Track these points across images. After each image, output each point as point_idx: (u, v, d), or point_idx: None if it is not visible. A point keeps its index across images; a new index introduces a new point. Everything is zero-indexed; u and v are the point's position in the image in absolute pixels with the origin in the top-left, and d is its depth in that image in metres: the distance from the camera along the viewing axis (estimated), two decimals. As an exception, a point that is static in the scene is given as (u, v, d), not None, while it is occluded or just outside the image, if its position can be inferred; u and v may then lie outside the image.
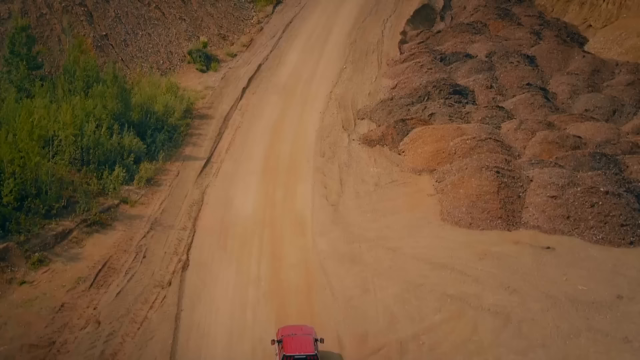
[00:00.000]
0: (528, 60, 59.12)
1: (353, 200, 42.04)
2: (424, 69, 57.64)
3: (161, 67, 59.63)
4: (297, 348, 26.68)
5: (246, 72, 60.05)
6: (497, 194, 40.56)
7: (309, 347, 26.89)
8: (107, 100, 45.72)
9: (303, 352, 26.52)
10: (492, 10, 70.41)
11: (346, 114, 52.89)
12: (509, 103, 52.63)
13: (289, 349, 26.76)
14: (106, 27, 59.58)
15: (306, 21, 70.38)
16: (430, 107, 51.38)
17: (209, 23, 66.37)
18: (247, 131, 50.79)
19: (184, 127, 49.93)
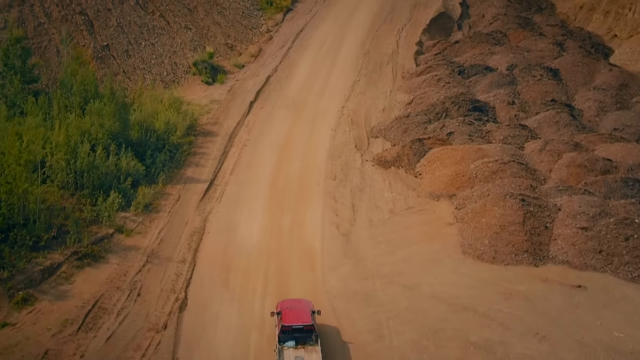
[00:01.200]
0: (551, 73, 55.84)
1: (366, 230, 38.95)
2: (441, 83, 54.50)
3: (165, 79, 56.76)
4: (294, 319, 28.63)
5: (254, 84, 57.09)
6: (522, 225, 37.37)
7: (307, 318, 28.77)
8: (104, 119, 42.80)
9: (300, 323, 28.46)
10: (512, 19, 67.09)
11: (359, 131, 49.81)
12: (532, 121, 49.40)
13: (287, 319, 28.71)
14: (107, 37, 56.75)
15: (318, 29, 67.38)
16: (448, 126, 48.23)
17: (215, 32, 63.44)
18: (254, 150, 47.81)
19: (187, 145, 47.00)
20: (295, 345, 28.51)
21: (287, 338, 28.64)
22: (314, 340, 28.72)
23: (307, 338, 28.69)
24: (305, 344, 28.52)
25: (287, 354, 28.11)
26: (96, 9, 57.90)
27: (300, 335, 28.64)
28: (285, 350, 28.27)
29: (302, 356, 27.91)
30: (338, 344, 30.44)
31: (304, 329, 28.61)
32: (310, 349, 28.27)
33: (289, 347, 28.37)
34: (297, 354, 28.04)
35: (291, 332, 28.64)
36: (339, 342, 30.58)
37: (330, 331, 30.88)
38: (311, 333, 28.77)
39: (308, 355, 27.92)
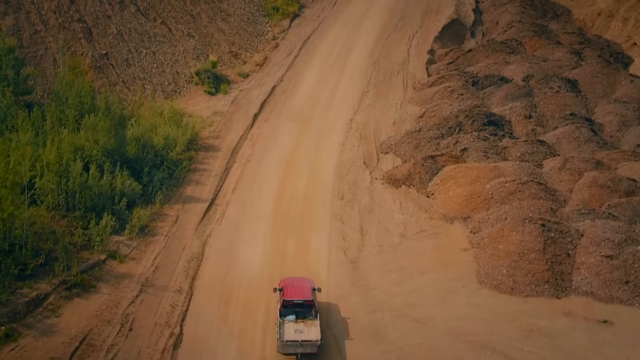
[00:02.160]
0: (569, 85, 53.29)
1: (375, 256, 36.55)
2: (454, 95, 51.99)
3: (166, 90, 54.46)
4: (295, 294, 30.26)
5: (259, 95, 54.71)
6: (543, 253, 34.89)
7: (307, 294, 30.35)
8: (98, 134, 40.50)
9: (301, 298, 30.09)
10: (527, 26, 64.49)
11: (368, 146, 47.38)
12: (550, 136, 46.86)
13: (289, 294, 30.31)
14: (107, 45, 54.49)
15: (325, 37, 64.96)
16: (462, 141, 45.74)
17: (219, 40, 61.11)
18: (258, 166, 45.46)
19: (187, 161, 44.70)
20: (296, 319, 29.94)
21: (287, 312, 30.17)
22: (314, 315, 30.15)
23: (307, 313, 30.22)
24: (305, 318, 30.03)
25: (287, 326, 29.53)
26: (95, 16, 55.67)
27: (300, 310, 30.15)
28: (286, 323, 29.70)
29: (302, 329, 29.33)
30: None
31: (304, 304, 30.17)
32: (309, 323, 29.80)
33: (289, 321, 29.78)
34: (297, 327, 29.46)
35: (292, 306, 30.16)
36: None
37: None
38: (311, 308, 30.27)
39: (307, 329, 29.40)
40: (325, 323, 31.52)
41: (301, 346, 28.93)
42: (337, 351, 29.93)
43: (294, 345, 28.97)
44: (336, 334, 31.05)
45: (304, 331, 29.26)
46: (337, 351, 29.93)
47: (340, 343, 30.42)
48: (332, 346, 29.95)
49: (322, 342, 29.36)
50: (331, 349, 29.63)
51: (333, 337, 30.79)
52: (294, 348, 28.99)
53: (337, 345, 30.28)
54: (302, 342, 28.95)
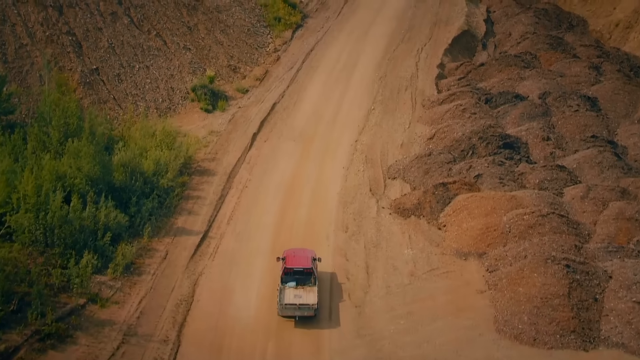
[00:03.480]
0: (589, 102, 49.96)
1: (382, 299, 33.28)
2: (466, 114, 48.69)
3: (160, 107, 51.26)
4: (296, 263, 32.35)
5: (258, 112, 51.48)
6: (568, 298, 31.59)
7: (307, 262, 32.41)
8: (82, 161, 37.26)
9: (301, 266, 32.15)
10: (542, 38, 61.14)
11: (374, 171, 44.10)
12: (571, 160, 43.52)
13: (290, 263, 32.39)
14: (97, 59, 51.28)
15: (329, 49, 61.71)
16: (476, 166, 42.42)
17: (217, 53, 57.87)
18: (256, 192, 42.24)
19: (179, 188, 41.47)
20: (296, 285, 32.12)
21: (289, 279, 32.28)
22: (313, 282, 32.33)
23: (307, 280, 32.36)
24: (305, 285, 32.21)
25: (288, 292, 31.70)
26: (85, 28, 52.47)
27: (300, 277, 32.27)
28: (287, 289, 31.87)
29: (301, 295, 31.49)
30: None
31: (304, 272, 32.25)
32: (308, 289, 32.01)
33: (290, 287, 31.98)
34: (296, 293, 31.67)
35: (292, 274, 32.27)
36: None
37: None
38: (310, 276, 32.36)
39: (305, 294, 31.63)
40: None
41: (299, 309, 31.07)
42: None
43: (292, 308, 31.06)
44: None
45: (302, 296, 31.47)
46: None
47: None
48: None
49: (318, 306, 31.42)
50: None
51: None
52: (292, 311, 31.10)
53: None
54: (300, 306, 31.02)
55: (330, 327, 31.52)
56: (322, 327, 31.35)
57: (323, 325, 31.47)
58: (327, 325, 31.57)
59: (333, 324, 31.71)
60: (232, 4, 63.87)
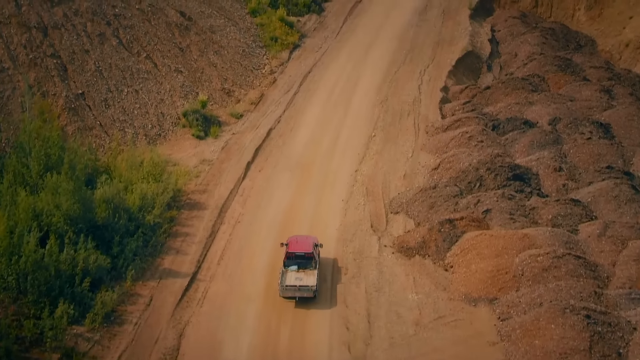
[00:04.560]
0: (602, 129, 47.31)
1: (386, 352, 30.55)
2: (473, 142, 46.00)
3: (149, 133, 48.56)
4: (298, 248, 34.22)
5: (253, 139, 48.80)
6: (589, 353, 28.85)
7: (308, 247, 34.19)
8: (60, 198, 34.50)
9: (302, 251, 33.96)
10: (549, 60, 58.49)
11: (376, 205, 41.35)
12: (585, 193, 40.78)
13: (292, 248, 34.26)
14: (83, 83, 48.63)
15: (328, 70, 59.10)
16: (484, 200, 39.69)
17: (211, 75, 55.22)
18: (249, 229, 39.52)
19: (167, 224, 38.71)
20: (297, 269, 33.94)
21: (291, 263, 34.14)
22: (313, 266, 34.10)
23: (308, 264, 34.14)
24: (306, 268, 34.00)
25: (289, 275, 33.65)
26: (71, 50, 49.84)
27: (301, 261, 34.07)
28: (288, 272, 33.80)
29: (301, 277, 33.40)
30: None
31: (305, 256, 34.08)
32: (308, 272, 33.82)
33: (291, 270, 33.87)
34: (297, 275, 33.57)
35: (294, 258, 34.12)
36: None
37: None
38: (311, 260, 34.12)
39: (306, 277, 33.47)
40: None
41: (299, 290, 32.80)
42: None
43: (292, 290, 32.84)
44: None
45: (302, 278, 33.30)
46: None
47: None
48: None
49: (317, 288, 33.24)
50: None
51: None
52: (293, 292, 32.84)
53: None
54: (300, 287, 32.78)
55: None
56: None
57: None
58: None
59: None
60: (227, 23, 61.33)
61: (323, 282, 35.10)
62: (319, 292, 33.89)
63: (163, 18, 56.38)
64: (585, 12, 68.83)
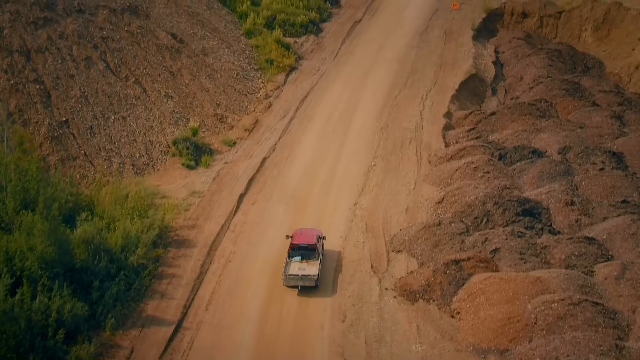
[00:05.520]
0: (615, 159, 44.81)
1: (388, 414, 27.55)
2: (478, 173, 43.46)
3: (136, 163, 45.98)
4: (301, 239, 35.56)
5: (246, 169, 46.24)
6: (612, 418, 25.84)
7: (312, 239, 35.45)
8: (35, 239, 31.82)
9: (305, 242, 35.34)
10: (557, 83, 56.09)
11: (376, 242, 38.71)
12: (599, 230, 38.15)
13: (296, 240, 35.58)
14: (68, 110, 46.13)
15: (325, 95, 56.70)
16: (492, 239, 37.08)
17: (203, 101, 52.71)
18: (240, 269, 36.90)
19: (152, 264, 36.02)
20: (301, 260, 35.18)
21: (295, 254, 35.40)
22: (316, 257, 35.27)
23: (311, 255, 35.34)
24: (309, 259, 35.22)
25: (293, 265, 34.96)
26: (55, 75, 47.39)
27: (305, 252, 35.30)
28: (292, 262, 35.11)
29: (304, 267, 34.69)
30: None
31: (308, 248, 35.29)
32: (311, 262, 35.05)
33: (295, 261, 35.15)
34: (300, 266, 34.80)
35: (298, 249, 35.35)
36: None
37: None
38: (314, 251, 35.30)
39: (308, 267, 34.74)
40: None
41: (301, 279, 34.12)
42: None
43: (295, 279, 34.19)
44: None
45: (305, 268, 34.62)
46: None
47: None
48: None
49: (319, 277, 34.53)
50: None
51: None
52: (295, 281, 34.19)
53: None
54: (302, 276, 34.10)
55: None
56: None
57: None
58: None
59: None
60: (220, 45, 58.94)
61: (319, 330, 32.32)
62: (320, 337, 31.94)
63: (153, 40, 53.97)
64: (592, 33, 66.61)
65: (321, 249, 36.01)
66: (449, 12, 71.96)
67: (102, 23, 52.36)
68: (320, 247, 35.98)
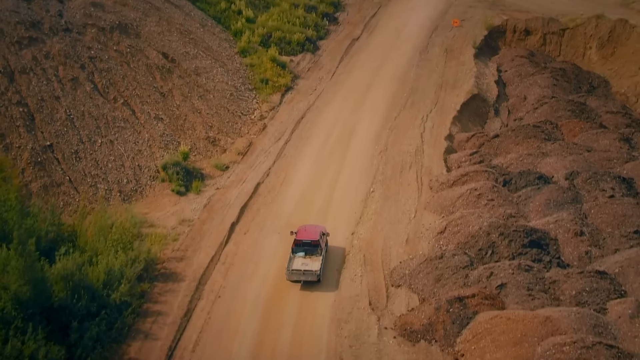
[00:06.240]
0: (625, 185, 42.73)
1: None
2: (482, 200, 41.37)
3: (124, 189, 43.85)
4: (305, 236, 36.65)
5: (238, 196, 44.15)
6: None
7: (315, 236, 36.55)
8: (9, 277, 29.65)
9: (309, 239, 36.41)
10: (562, 104, 54.09)
11: (374, 276, 36.57)
12: (611, 263, 36.03)
13: (300, 236, 36.68)
14: (52, 134, 44.06)
15: (322, 116, 54.67)
16: (498, 273, 34.94)
17: (194, 122, 50.65)
18: (230, 305, 34.81)
19: (136, 300, 33.83)
20: (304, 255, 35.95)
21: (298, 250, 36.16)
22: (319, 253, 36.04)
23: (314, 251, 36.09)
24: (312, 255, 35.99)
25: (296, 260, 35.75)
26: (40, 97, 45.35)
27: (308, 248, 36.09)
28: (296, 258, 35.89)
29: (307, 263, 35.41)
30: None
31: (312, 244, 36.10)
32: (314, 258, 35.84)
33: (298, 256, 35.94)
34: (303, 261, 35.59)
35: (302, 245, 36.18)
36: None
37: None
38: (317, 247, 36.05)
39: (311, 262, 35.53)
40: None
41: (304, 274, 35.05)
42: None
43: (298, 274, 35.14)
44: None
45: (308, 264, 35.48)
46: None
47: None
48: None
49: (321, 273, 35.43)
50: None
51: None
52: (298, 276, 35.13)
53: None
54: (305, 271, 35.00)
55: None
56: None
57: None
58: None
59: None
60: (214, 65, 56.95)
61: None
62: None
63: (143, 60, 51.97)
64: (597, 51, 64.73)
65: (324, 245, 36.88)
66: (449, 29, 70.07)
67: (90, 42, 50.38)
68: (324, 243, 36.88)
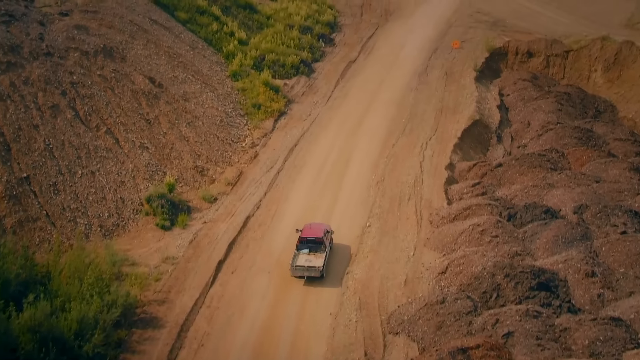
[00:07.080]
0: (637, 220, 40.26)
1: None
2: (486, 237, 38.78)
3: (105, 224, 41.25)
4: (309, 233, 37.82)
5: (227, 230, 41.58)
6: None
7: (319, 233, 37.68)
8: (-30, 330, 26.95)
9: (313, 236, 37.52)
10: (568, 131, 51.60)
11: (370, 322, 33.90)
12: (626, 308, 33.39)
13: (304, 233, 37.87)
14: (29, 165, 41.52)
15: (317, 143, 52.21)
16: (504, 320, 32.27)
17: (181, 151, 48.08)
18: (214, 355, 31.96)
19: (112, 351, 31.16)
20: (308, 252, 37.18)
21: (302, 247, 37.39)
22: (322, 250, 37.26)
23: (318, 248, 37.33)
24: (316, 252, 37.22)
25: (300, 257, 37.01)
26: (17, 126, 42.88)
27: (312, 245, 37.34)
28: (300, 254, 37.12)
29: (311, 259, 36.78)
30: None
31: (316, 241, 37.34)
32: (318, 255, 37.07)
33: (303, 253, 37.18)
34: (307, 258, 36.88)
35: (306, 242, 37.42)
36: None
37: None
38: (321, 244, 37.29)
39: (314, 259, 36.84)
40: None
41: (307, 270, 36.12)
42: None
43: (301, 269, 36.21)
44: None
45: (311, 260, 36.49)
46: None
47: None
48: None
49: (324, 269, 36.46)
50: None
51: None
52: (302, 271, 36.22)
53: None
54: (308, 267, 36.08)
55: None
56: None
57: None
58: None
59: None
60: (203, 89, 54.48)
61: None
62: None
63: (129, 85, 49.53)
64: (602, 74, 62.38)
65: (328, 243, 37.91)
66: (449, 51, 67.72)
67: (73, 67, 47.96)
68: (328, 240, 37.92)
